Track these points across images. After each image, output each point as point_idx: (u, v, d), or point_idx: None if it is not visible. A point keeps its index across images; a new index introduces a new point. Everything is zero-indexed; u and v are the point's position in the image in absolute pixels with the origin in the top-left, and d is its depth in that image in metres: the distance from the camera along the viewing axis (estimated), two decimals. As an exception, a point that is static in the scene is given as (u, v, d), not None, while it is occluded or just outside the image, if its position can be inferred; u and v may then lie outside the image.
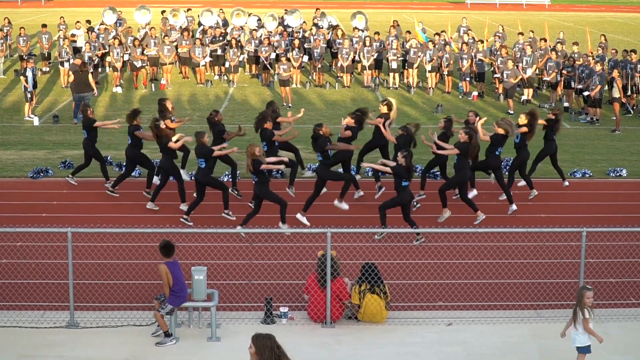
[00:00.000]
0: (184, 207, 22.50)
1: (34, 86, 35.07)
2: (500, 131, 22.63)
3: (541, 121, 24.36)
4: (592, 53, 41.28)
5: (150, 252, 19.35)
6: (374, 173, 23.95)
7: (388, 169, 20.92)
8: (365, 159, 24.49)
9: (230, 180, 24.44)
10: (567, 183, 25.32)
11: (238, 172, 24.52)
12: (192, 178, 23.87)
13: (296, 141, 25.34)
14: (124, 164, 24.52)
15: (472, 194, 23.62)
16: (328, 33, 46.67)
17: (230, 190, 23.34)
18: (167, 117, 24.46)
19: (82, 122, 24.70)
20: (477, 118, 24.11)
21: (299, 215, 21.58)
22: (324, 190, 22.85)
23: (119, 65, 40.20)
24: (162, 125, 22.70)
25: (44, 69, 43.41)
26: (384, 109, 24.65)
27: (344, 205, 22.53)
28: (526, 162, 24.05)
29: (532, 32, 46.46)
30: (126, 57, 40.83)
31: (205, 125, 25.55)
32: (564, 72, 37.46)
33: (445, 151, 22.64)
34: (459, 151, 21.71)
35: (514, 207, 22.95)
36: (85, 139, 24.36)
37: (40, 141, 30.40)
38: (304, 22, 48.56)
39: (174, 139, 22.45)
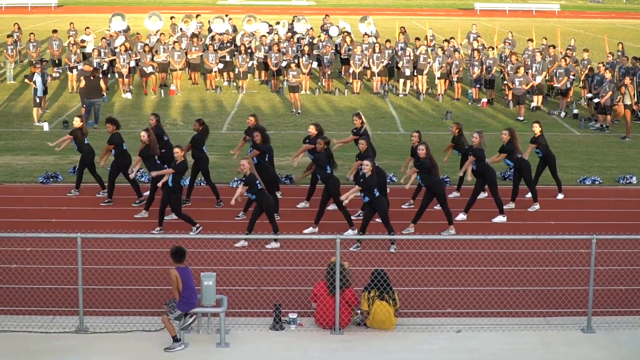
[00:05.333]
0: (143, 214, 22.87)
1: (45, 92, 35.17)
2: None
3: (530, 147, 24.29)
4: (611, 54, 41.14)
5: (160, 258, 19.37)
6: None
7: (357, 192, 20.77)
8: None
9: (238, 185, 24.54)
10: (561, 196, 25.20)
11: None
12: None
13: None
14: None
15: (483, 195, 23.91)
16: (337, 38, 46.76)
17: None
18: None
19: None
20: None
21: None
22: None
23: (124, 71, 40.21)
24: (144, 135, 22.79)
25: (53, 74, 43.49)
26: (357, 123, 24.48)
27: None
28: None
29: (545, 39, 46.38)
30: (132, 64, 40.84)
31: (215, 132, 25.59)
32: (587, 91, 37.25)
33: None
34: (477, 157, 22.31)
35: (503, 218, 23.00)
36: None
37: (50, 147, 30.36)
38: (311, 28, 48.60)
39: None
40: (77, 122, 24.58)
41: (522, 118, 35.94)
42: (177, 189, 21.16)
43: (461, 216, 22.80)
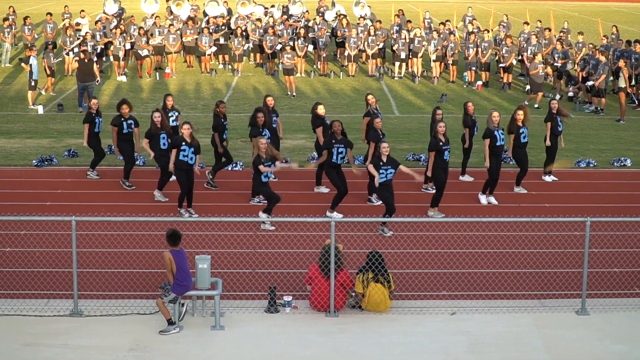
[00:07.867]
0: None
1: (52, 74, 35.50)
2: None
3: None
4: (605, 37, 41.10)
5: (155, 241, 19.37)
6: None
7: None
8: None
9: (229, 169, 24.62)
10: (548, 178, 25.24)
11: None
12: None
13: (299, 130, 25.24)
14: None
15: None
16: (333, 22, 46.68)
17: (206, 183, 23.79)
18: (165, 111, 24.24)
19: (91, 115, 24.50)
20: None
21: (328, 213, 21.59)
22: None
23: (120, 54, 40.15)
24: (157, 117, 22.63)
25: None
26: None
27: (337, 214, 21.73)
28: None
29: (540, 21, 46.33)
30: (128, 46, 40.75)
31: (210, 114, 25.54)
32: (582, 73, 37.05)
33: None
34: None
35: (483, 199, 23.10)
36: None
37: (44, 130, 30.39)
38: (307, 11, 48.50)
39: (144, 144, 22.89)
40: (95, 104, 24.67)
41: (537, 105, 35.41)
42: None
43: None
